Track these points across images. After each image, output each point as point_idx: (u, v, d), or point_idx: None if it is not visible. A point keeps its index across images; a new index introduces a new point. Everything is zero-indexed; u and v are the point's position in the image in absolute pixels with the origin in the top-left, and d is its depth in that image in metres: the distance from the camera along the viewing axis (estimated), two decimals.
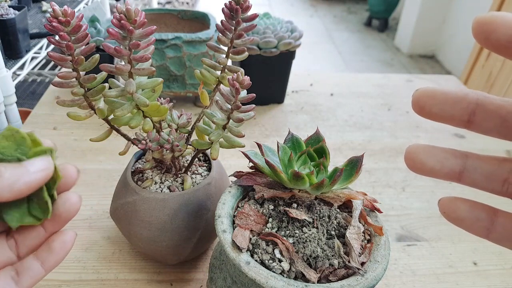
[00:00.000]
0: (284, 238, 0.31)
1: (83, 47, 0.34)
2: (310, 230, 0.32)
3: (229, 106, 0.36)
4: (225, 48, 0.41)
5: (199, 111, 0.42)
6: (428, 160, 0.19)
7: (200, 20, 0.77)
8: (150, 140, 0.38)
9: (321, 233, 0.32)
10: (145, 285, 0.45)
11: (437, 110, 0.18)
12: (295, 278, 0.29)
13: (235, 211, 0.34)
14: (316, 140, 0.37)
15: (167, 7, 0.86)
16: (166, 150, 0.39)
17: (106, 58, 0.68)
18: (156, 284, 0.45)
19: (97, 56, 0.35)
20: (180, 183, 0.42)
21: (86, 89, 0.36)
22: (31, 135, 0.24)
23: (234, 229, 0.32)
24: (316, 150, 0.35)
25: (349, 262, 0.30)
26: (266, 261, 0.30)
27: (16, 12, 0.91)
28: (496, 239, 0.20)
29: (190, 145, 0.41)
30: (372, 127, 0.76)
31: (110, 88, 0.36)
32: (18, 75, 1.01)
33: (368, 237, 0.33)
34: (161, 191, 0.41)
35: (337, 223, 0.33)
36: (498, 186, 0.19)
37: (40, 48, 1.04)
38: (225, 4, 0.37)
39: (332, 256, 0.31)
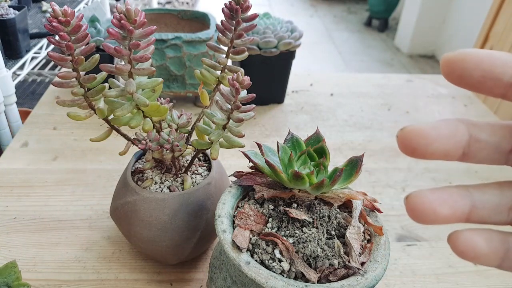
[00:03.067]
0: (284, 238, 0.31)
1: (83, 47, 0.34)
2: (310, 230, 0.32)
3: (229, 106, 0.36)
4: (225, 48, 0.41)
5: (199, 111, 0.42)
6: (441, 208, 0.17)
7: (200, 20, 0.77)
8: (150, 140, 0.38)
9: (321, 233, 0.32)
10: (145, 285, 0.45)
11: (433, 149, 0.17)
12: (295, 278, 0.29)
13: (235, 211, 0.34)
14: (316, 140, 0.37)
15: (167, 7, 0.86)
16: (166, 150, 0.39)
17: (106, 58, 0.68)
18: (156, 284, 0.45)
19: (97, 56, 0.35)
20: (180, 183, 0.42)
21: (86, 89, 0.36)
22: None
23: (234, 229, 0.32)
24: (316, 150, 0.35)
25: (349, 262, 0.30)
26: (266, 261, 0.30)
27: (16, 12, 0.91)
28: (509, 267, 0.18)
29: (190, 145, 0.41)
30: (372, 127, 0.76)
31: (110, 88, 0.36)
32: (18, 75, 1.01)
33: (368, 237, 0.33)
34: (161, 191, 0.41)
35: (337, 223, 0.33)
36: (504, 217, 0.18)
37: (40, 48, 1.04)
38: (225, 4, 0.37)
39: (332, 256, 0.31)
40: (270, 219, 0.33)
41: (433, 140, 0.17)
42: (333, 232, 0.32)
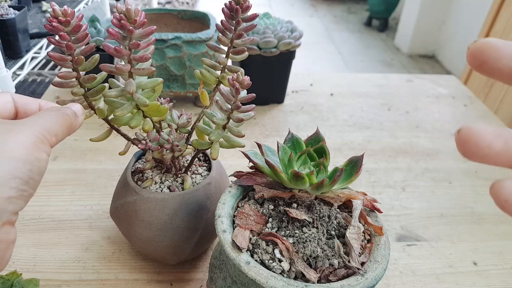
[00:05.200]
0: (284, 238, 0.31)
1: (83, 47, 0.34)
2: (310, 230, 0.32)
3: (229, 106, 0.36)
4: (225, 48, 0.41)
5: (199, 111, 0.42)
6: (497, 141, 0.17)
7: (200, 20, 0.77)
8: (150, 140, 0.38)
9: (321, 233, 0.32)
10: (145, 285, 0.45)
11: (502, 65, 0.17)
12: (295, 278, 0.29)
13: (235, 211, 0.34)
14: (316, 140, 0.37)
15: (167, 7, 0.86)
16: (166, 150, 0.39)
17: (106, 58, 0.68)
18: (156, 284, 0.45)
19: (97, 56, 0.35)
20: (180, 183, 0.42)
21: (86, 89, 0.36)
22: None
23: (234, 229, 0.32)
24: (316, 150, 0.35)
25: (349, 262, 0.30)
26: (266, 261, 0.30)
27: (16, 12, 0.91)
28: None
29: (190, 145, 0.41)
30: (372, 127, 0.76)
31: (110, 88, 0.36)
32: (18, 75, 1.01)
33: (368, 237, 0.33)
34: (161, 191, 0.41)
35: (337, 223, 0.33)
36: None
37: (40, 48, 1.04)
38: (225, 4, 0.37)
39: (332, 256, 0.31)
40: (270, 219, 0.33)
41: (504, 55, 0.17)
42: (333, 232, 0.32)
